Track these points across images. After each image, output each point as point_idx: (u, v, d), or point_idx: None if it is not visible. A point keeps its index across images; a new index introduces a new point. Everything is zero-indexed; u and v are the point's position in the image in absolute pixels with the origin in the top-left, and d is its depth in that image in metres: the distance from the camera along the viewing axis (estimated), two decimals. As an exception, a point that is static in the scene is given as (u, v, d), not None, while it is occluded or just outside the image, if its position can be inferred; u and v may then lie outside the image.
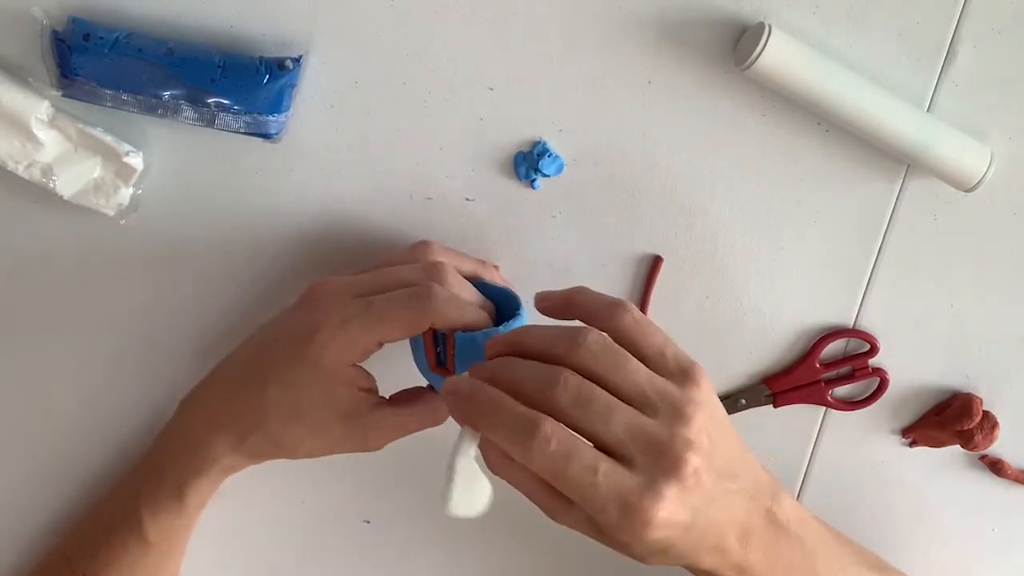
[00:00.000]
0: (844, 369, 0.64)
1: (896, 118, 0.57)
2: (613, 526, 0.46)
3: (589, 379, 0.46)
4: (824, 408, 0.65)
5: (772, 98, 0.59)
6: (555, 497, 0.47)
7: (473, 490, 0.47)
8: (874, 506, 0.66)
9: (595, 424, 0.45)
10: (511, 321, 0.53)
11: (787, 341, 0.64)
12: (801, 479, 0.66)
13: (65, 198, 0.57)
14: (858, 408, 0.65)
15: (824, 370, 0.64)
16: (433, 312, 0.51)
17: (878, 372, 0.64)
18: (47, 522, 0.63)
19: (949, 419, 0.64)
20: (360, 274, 0.55)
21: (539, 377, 0.46)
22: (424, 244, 0.56)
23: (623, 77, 0.59)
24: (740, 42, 0.58)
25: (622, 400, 0.46)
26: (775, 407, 0.65)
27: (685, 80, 0.59)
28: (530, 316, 0.53)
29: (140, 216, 0.59)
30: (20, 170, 0.56)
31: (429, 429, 0.62)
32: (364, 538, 0.67)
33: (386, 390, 0.57)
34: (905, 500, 0.67)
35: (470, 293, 0.54)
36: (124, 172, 0.57)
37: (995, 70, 0.59)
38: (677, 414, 0.46)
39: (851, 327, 0.64)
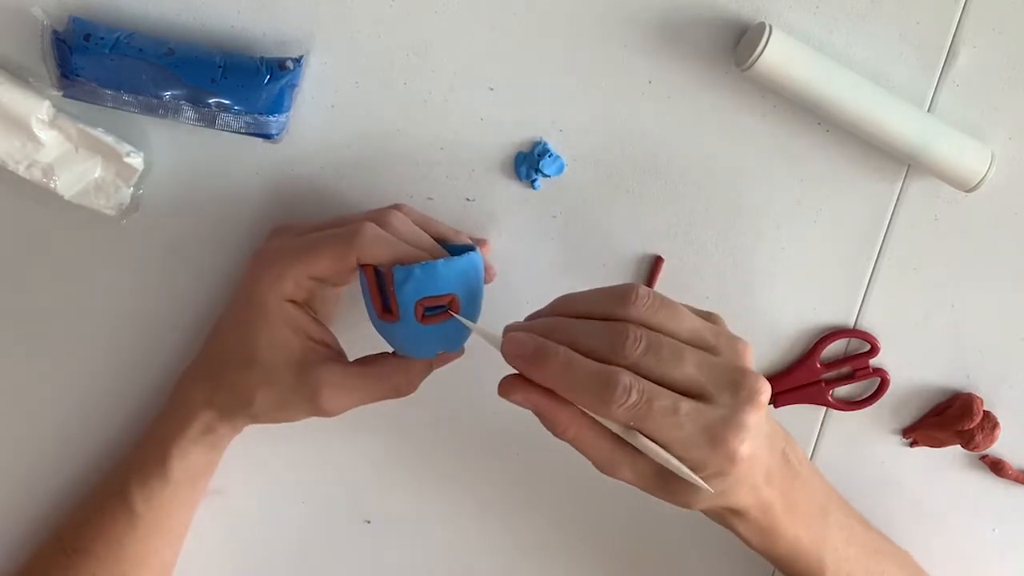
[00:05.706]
0: (844, 369, 0.64)
1: (896, 118, 0.57)
2: (699, 462, 0.47)
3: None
4: (824, 408, 0.65)
5: (772, 98, 0.59)
6: (620, 450, 0.48)
7: None
8: (874, 506, 0.66)
9: (669, 368, 0.47)
10: (456, 257, 0.51)
11: (787, 341, 0.64)
12: (801, 479, 0.66)
13: (66, 198, 0.57)
14: (858, 408, 0.65)
15: (824, 370, 0.64)
16: (359, 246, 0.51)
17: (878, 372, 0.64)
18: (44, 517, 0.63)
19: (950, 419, 0.64)
20: None
21: (605, 334, 0.47)
22: (396, 206, 0.56)
23: (623, 77, 0.59)
24: (740, 42, 0.58)
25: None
26: (775, 407, 0.65)
27: (685, 80, 0.59)
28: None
29: (141, 216, 0.59)
30: (21, 170, 0.56)
31: (428, 428, 0.61)
32: (364, 538, 0.67)
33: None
34: (905, 500, 0.66)
35: (418, 238, 0.53)
36: (125, 172, 0.57)
37: (995, 70, 0.59)
38: (737, 349, 0.49)
39: (851, 327, 0.64)
